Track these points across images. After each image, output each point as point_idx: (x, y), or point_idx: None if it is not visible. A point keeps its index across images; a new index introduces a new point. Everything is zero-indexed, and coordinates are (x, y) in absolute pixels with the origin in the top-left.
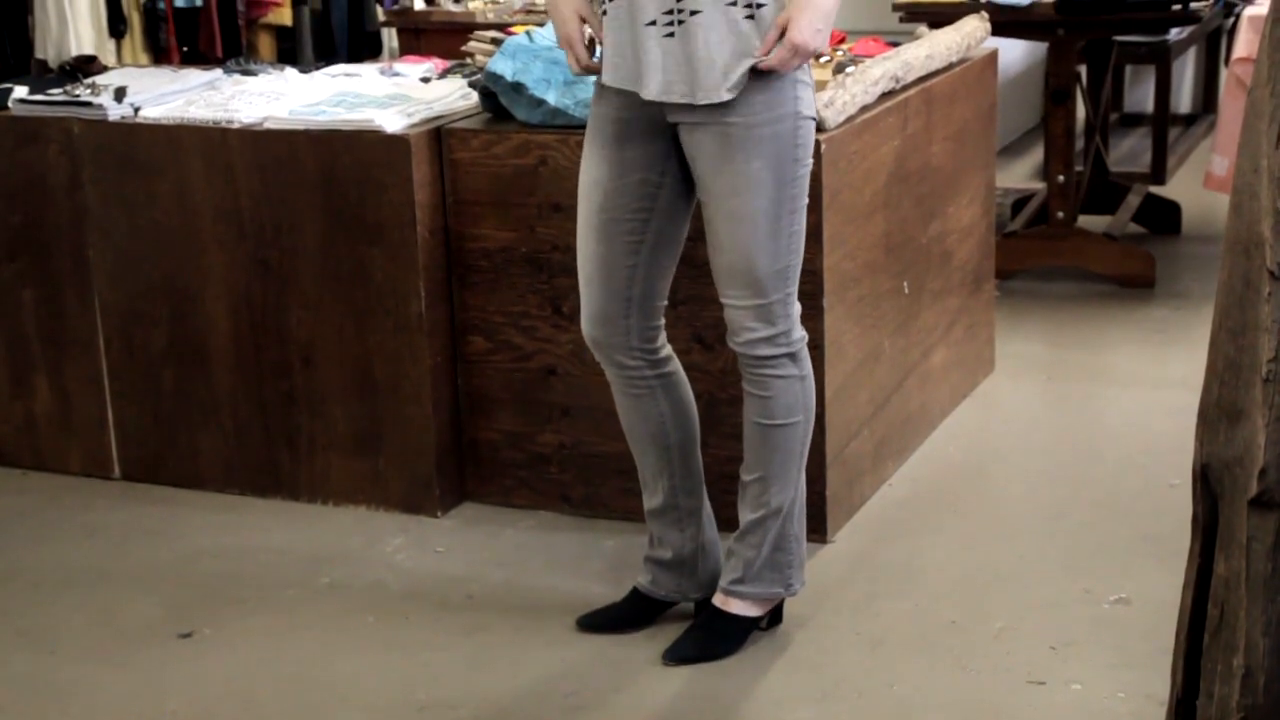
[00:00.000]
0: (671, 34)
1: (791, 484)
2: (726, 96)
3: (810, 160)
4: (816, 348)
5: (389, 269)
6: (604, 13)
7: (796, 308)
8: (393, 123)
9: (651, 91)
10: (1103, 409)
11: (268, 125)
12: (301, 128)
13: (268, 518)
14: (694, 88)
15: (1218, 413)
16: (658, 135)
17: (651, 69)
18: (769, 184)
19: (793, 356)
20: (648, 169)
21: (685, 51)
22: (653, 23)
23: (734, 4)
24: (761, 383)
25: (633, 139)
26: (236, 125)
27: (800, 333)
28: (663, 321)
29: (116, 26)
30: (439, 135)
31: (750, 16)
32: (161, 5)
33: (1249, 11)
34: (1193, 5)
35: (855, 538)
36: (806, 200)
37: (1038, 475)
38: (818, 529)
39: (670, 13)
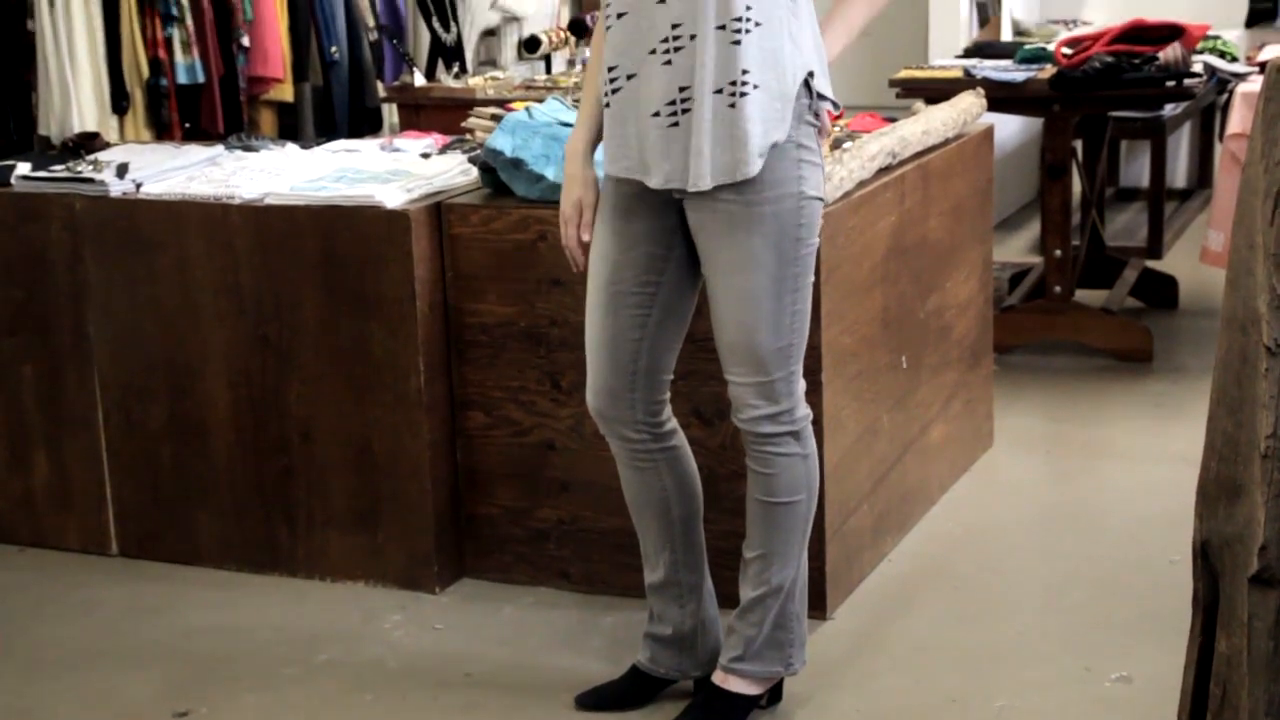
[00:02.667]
0: (675, 124)
1: (793, 562)
2: (710, 185)
3: (816, 240)
4: (815, 422)
5: (388, 344)
6: (607, 105)
7: (801, 385)
8: (393, 198)
9: (656, 181)
10: (1102, 484)
11: (269, 201)
12: (302, 203)
13: (265, 594)
14: (696, 176)
15: (1217, 489)
16: (666, 210)
17: (656, 159)
18: (770, 262)
19: (796, 435)
20: (655, 243)
21: (685, 140)
22: (656, 114)
23: (720, 91)
24: (764, 460)
25: (641, 213)
26: (238, 201)
27: (804, 410)
28: (668, 395)
29: (119, 103)
30: (439, 210)
31: (732, 105)
32: (164, 82)
33: (1242, 88)
34: (1186, 82)
35: (855, 614)
36: (812, 279)
37: (1037, 551)
38: (817, 605)
39: (673, 104)
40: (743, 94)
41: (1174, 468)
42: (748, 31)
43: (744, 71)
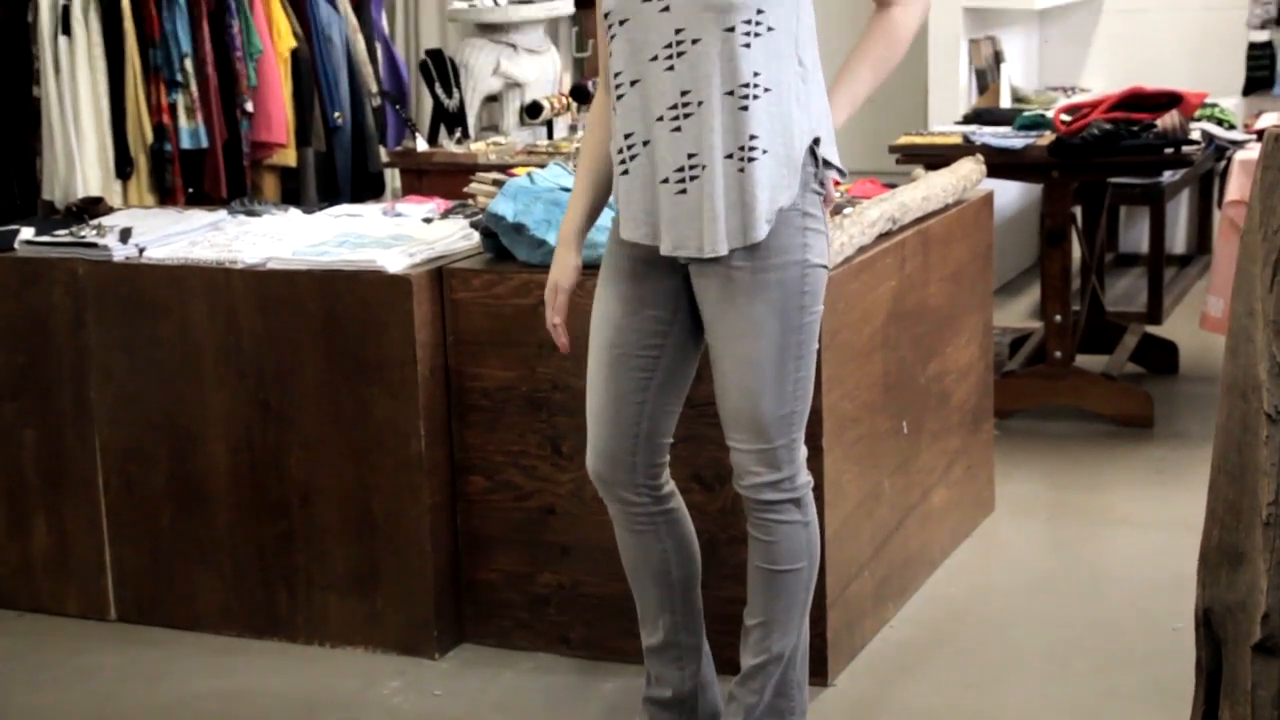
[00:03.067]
0: (684, 190)
1: (794, 630)
2: (726, 249)
3: (820, 308)
4: (816, 488)
5: (389, 408)
6: (624, 171)
7: (803, 453)
8: (395, 263)
9: (666, 247)
10: (1104, 550)
11: (271, 265)
12: (304, 268)
13: (264, 660)
14: (702, 242)
15: (1219, 556)
16: (671, 274)
17: (666, 225)
18: (774, 329)
19: (797, 502)
20: (660, 306)
21: (695, 207)
22: (665, 180)
23: (730, 157)
24: (766, 527)
25: (646, 277)
26: (240, 266)
27: (805, 478)
28: (668, 459)
29: (123, 168)
30: (440, 275)
31: (741, 170)
32: (168, 147)
33: (1240, 155)
34: (1184, 149)
35: (856, 681)
36: (816, 347)
37: (1040, 618)
38: (819, 671)
39: (681, 170)
40: (751, 159)
41: (1176, 534)
42: (756, 97)
43: (752, 136)
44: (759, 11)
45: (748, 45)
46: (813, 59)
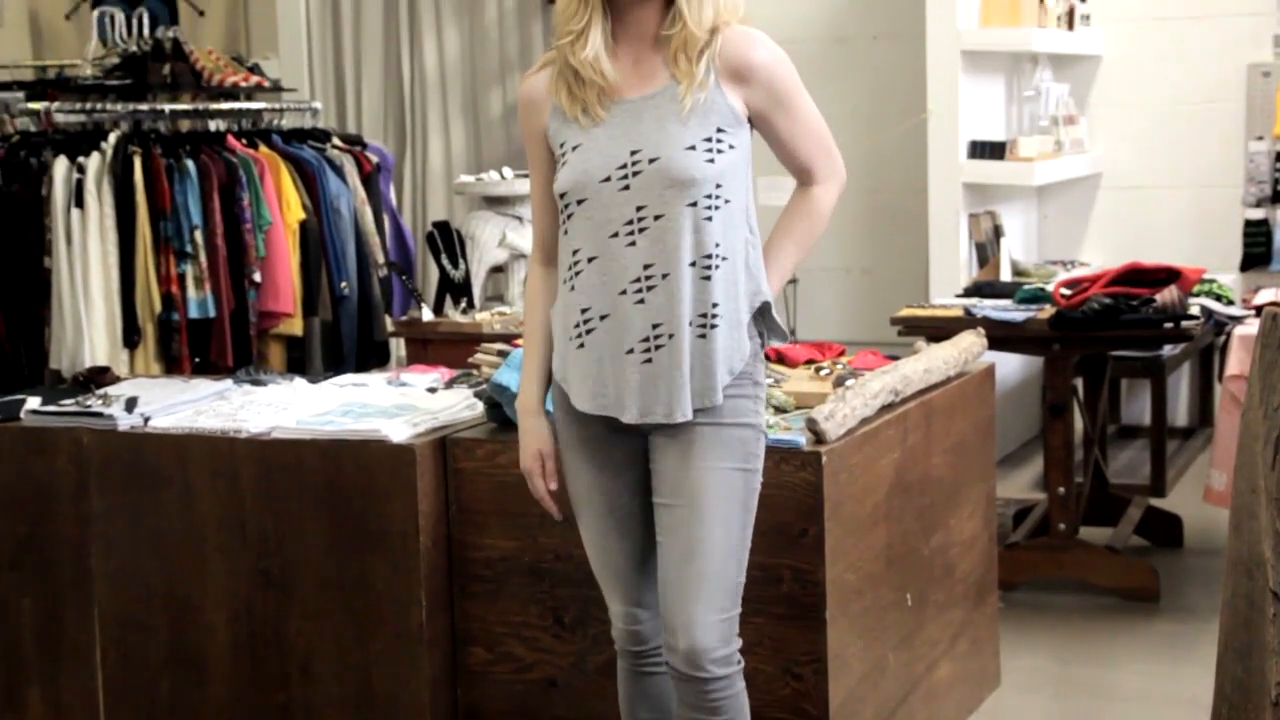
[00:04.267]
0: (649, 360)
1: None
2: (692, 414)
3: (761, 473)
4: (819, 660)
5: (390, 578)
6: (580, 345)
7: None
8: (398, 432)
9: (631, 416)
10: None
11: (275, 435)
12: (308, 437)
13: None
14: (671, 408)
15: None
16: (632, 438)
17: (630, 394)
18: (738, 487)
19: (740, 673)
20: (635, 466)
21: (661, 374)
22: (631, 351)
23: (692, 324)
24: (714, 705)
25: (615, 443)
26: (244, 435)
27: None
28: None
29: (131, 337)
30: (444, 445)
31: (703, 336)
32: (176, 316)
33: (1239, 330)
34: (1184, 324)
35: None
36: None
37: None
38: None
39: (647, 340)
40: (714, 325)
41: (1185, 712)
42: (717, 267)
43: (714, 304)
44: (718, 185)
45: (709, 218)
46: (755, 225)
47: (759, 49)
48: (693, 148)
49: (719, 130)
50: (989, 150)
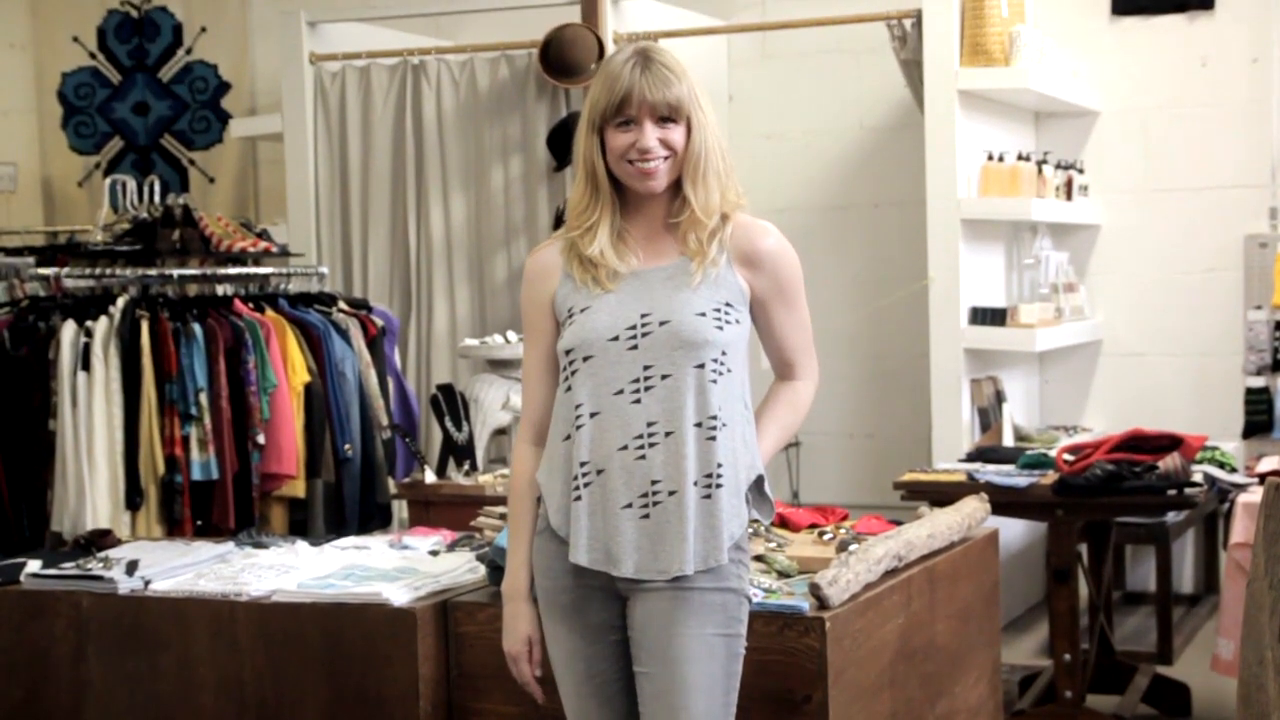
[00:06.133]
0: (647, 516)
1: None
2: (692, 570)
3: (745, 638)
4: None
5: None
6: (578, 498)
7: None
8: (399, 596)
9: (627, 570)
10: None
11: (275, 598)
12: (309, 600)
13: None
14: (670, 564)
15: None
16: (611, 600)
17: (626, 550)
18: (722, 653)
19: None
20: (617, 630)
21: (661, 531)
22: (628, 505)
23: (696, 483)
24: None
25: (594, 607)
26: (245, 598)
27: None
28: None
29: (133, 499)
30: (445, 609)
31: (707, 496)
32: (179, 478)
33: (1243, 498)
34: (1187, 491)
35: None
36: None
37: None
38: None
39: (645, 495)
40: (718, 486)
41: None
42: (720, 430)
43: (719, 465)
44: (723, 353)
45: (715, 381)
46: (750, 402)
47: (769, 237)
48: (703, 314)
49: (727, 304)
50: (990, 317)
